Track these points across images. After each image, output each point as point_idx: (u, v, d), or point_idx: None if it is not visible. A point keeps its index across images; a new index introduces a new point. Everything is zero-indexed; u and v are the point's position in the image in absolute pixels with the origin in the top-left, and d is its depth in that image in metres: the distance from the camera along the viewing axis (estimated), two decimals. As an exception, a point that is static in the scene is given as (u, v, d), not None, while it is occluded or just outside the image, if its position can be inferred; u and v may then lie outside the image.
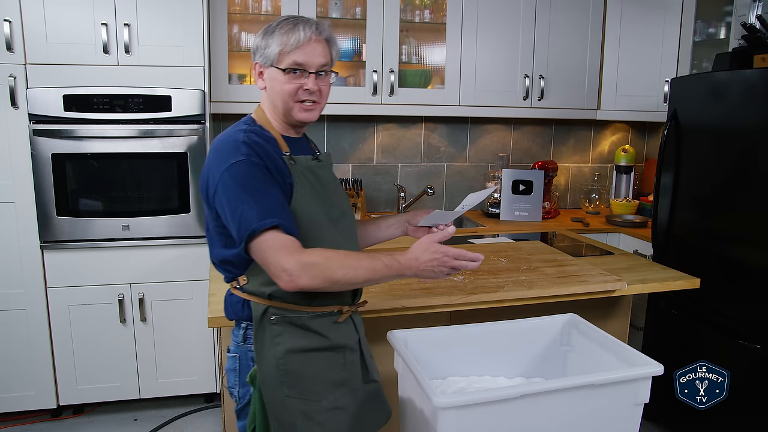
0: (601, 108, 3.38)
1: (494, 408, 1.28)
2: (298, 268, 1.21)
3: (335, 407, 1.37)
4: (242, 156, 1.27)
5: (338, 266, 1.23)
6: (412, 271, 1.29)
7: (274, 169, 1.30)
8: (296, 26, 1.35)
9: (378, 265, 1.26)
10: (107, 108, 2.51)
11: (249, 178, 1.26)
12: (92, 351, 2.67)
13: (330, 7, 3.01)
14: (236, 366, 1.42)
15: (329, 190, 1.43)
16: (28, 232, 2.54)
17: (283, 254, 1.22)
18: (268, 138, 1.36)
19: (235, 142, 1.30)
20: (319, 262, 1.22)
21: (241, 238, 1.25)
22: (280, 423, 1.33)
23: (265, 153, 1.31)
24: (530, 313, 1.73)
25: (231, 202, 1.26)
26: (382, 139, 3.42)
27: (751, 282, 2.24)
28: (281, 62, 1.35)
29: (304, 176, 1.37)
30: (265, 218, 1.23)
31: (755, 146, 2.21)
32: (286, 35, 1.34)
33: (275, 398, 1.33)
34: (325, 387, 1.36)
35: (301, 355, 1.34)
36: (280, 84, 1.36)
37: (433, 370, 1.57)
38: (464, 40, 3.09)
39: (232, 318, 1.43)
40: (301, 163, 1.38)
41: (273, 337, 1.33)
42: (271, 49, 1.35)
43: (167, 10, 2.54)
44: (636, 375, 1.37)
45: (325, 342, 1.36)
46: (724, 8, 3.01)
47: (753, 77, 2.22)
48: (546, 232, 3.02)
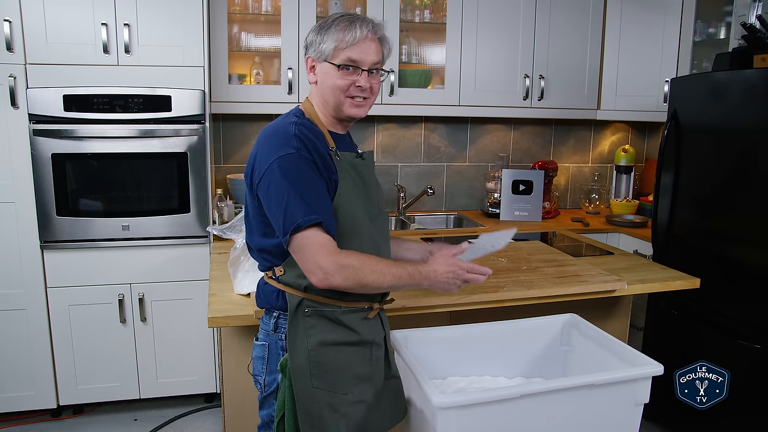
0: (601, 108, 3.38)
1: (494, 408, 1.28)
2: (334, 268, 1.26)
3: (359, 401, 1.39)
4: (292, 149, 1.30)
5: (370, 271, 1.29)
6: (428, 282, 1.35)
7: (321, 165, 1.33)
8: (353, 23, 1.37)
9: (403, 273, 1.32)
10: (107, 108, 2.51)
11: (298, 172, 1.29)
12: (92, 351, 2.67)
13: (330, 7, 3.01)
14: (265, 354, 1.44)
15: (370, 187, 1.46)
16: (28, 232, 2.54)
17: (323, 252, 1.26)
18: (316, 132, 1.38)
19: (286, 133, 1.33)
20: (354, 266, 1.27)
21: (285, 230, 1.28)
22: (308, 413, 1.35)
23: (314, 147, 1.33)
24: (530, 313, 1.73)
25: (278, 194, 1.28)
26: (382, 139, 3.42)
27: (751, 282, 2.24)
28: (335, 58, 1.37)
29: (348, 173, 1.39)
30: (310, 214, 1.26)
31: (755, 146, 2.21)
32: (343, 32, 1.36)
33: (305, 388, 1.35)
34: (351, 380, 1.39)
35: (332, 348, 1.37)
36: (332, 79, 1.38)
37: (433, 370, 1.57)
38: (464, 40, 3.09)
39: (263, 306, 1.45)
40: (345, 159, 1.40)
41: (306, 329, 1.36)
42: (326, 45, 1.37)
43: (167, 10, 2.54)
44: (636, 375, 1.37)
45: (354, 336, 1.39)
46: (724, 8, 3.01)
47: (753, 77, 2.22)
48: (546, 232, 3.02)
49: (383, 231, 1.51)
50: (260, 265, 1.46)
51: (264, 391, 1.47)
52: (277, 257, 1.40)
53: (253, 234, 1.44)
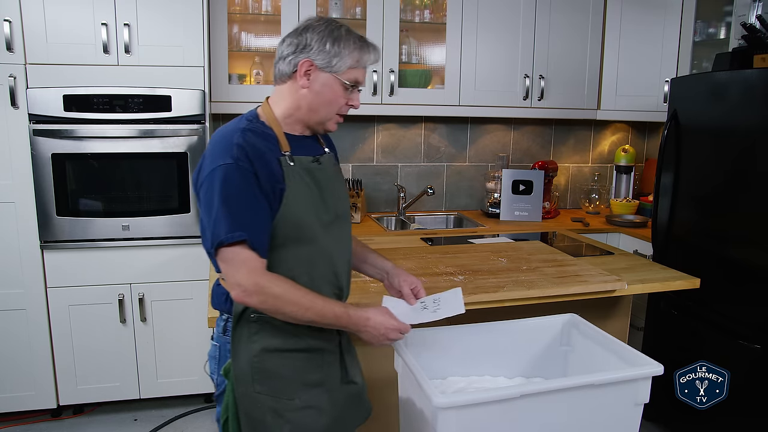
0: (601, 108, 3.38)
1: (494, 408, 1.28)
2: (253, 288, 1.23)
3: (307, 406, 1.37)
4: (231, 159, 1.25)
5: (291, 302, 1.25)
6: (356, 328, 1.33)
7: (263, 175, 1.27)
8: (367, 46, 1.36)
9: (328, 312, 1.29)
10: (107, 108, 2.51)
11: (231, 184, 1.24)
12: (92, 351, 2.67)
13: (330, 7, 3.02)
14: (217, 354, 1.44)
15: (326, 192, 1.40)
16: (28, 232, 2.54)
17: (243, 270, 1.24)
18: (268, 136, 1.33)
19: (229, 142, 1.28)
20: (274, 293, 1.24)
21: (212, 243, 1.25)
22: (250, 417, 1.34)
23: (257, 156, 1.27)
24: (530, 313, 1.73)
25: (209, 205, 1.26)
26: (382, 139, 3.42)
27: (751, 282, 2.24)
28: (344, 75, 1.34)
29: (301, 178, 1.34)
30: (234, 230, 1.22)
31: (755, 146, 2.21)
32: (359, 52, 1.34)
33: (246, 393, 1.34)
34: (298, 386, 1.37)
35: (276, 355, 1.35)
36: (334, 94, 1.35)
37: (433, 370, 1.57)
38: (464, 40, 3.09)
39: (216, 308, 1.44)
40: (299, 164, 1.35)
41: (250, 335, 1.34)
42: (342, 61, 1.33)
43: (167, 10, 2.54)
44: (636, 375, 1.37)
45: (301, 343, 1.36)
46: (724, 8, 3.01)
47: (753, 77, 2.22)
48: (546, 232, 3.02)
49: (340, 238, 1.45)
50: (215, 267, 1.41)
51: (217, 390, 1.46)
52: None
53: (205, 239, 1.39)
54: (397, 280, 1.56)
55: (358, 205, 3.14)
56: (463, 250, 2.33)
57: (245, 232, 1.23)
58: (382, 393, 1.89)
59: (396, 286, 1.56)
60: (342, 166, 3.35)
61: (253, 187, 1.26)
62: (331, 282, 1.41)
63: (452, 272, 1.99)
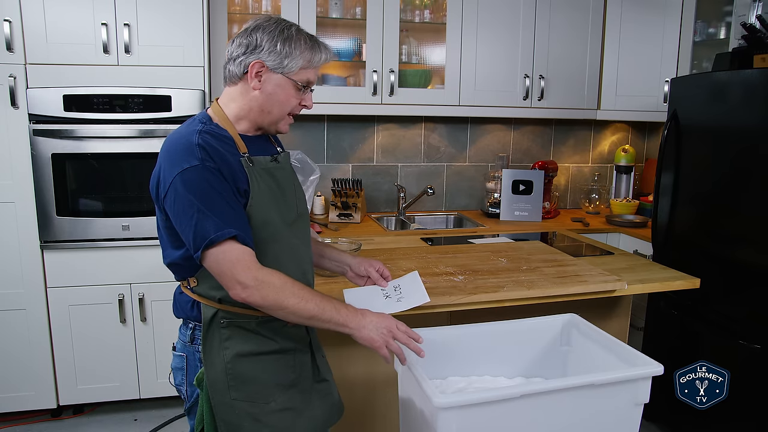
0: (601, 108, 3.38)
1: (494, 408, 1.28)
2: (254, 283, 1.21)
3: (284, 408, 1.37)
4: (196, 160, 1.22)
5: (292, 293, 1.23)
6: (356, 323, 1.28)
7: (228, 175, 1.25)
8: (318, 46, 1.34)
9: (328, 305, 1.26)
10: (107, 108, 2.52)
11: (204, 185, 1.21)
12: (92, 351, 2.67)
13: (330, 7, 3.01)
14: (183, 365, 1.41)
15: (287, 191, 1.39)
16: (28, 232, 2.54)
17: (240, 266, 1.21)
18: (224, 138, 1.30)
19: (189, 144, 1.24)
20: (275, 284, 1.22)
21: (197, 247, 1.22)
22: (227, 424, 1.33)
23: (220, 156, 1.25)
24: (530, 313, 1.73)
25: (185, 209, 1.22)
26: (382, 139, 3.42)
27: (751, 282, 2.24)
28: (296, 75, 1.32)
29: (262, 178, 1.32)
30: (222, 228, 1.20)
31: (755, 146, 2.21)
32: (311, 52, 1.32)
33: (223, 401, 1.33)
34: (274, 389, 1.36)
35: (250, 359, 1.34)
36: (286, 95, 1.33)
37: (433, 370, 1.57)
38: (464, 40, 3.09)
39: (179, 316, 1.42)
40: (258, 164, 1.33)
41: (222, 341, 1.33)
42: (294, 62, 1.31)
43: (167, 10, 2.54)
44: (636, 375, 1.37)
45: (273, 345, 1.35)
46: (724, 8, 3.01)
47: (753, 77, 2.22)
48: (546, 232, 3.02)
49: (303, 236, 1.45)
50: (175, 275, 1.41)
51: (188, 401, 1.44)
52: (187, 270, 1.35)
53: (166, 248, 1.37)
54: (362, 267, 1.59)
55: (358, 205, 3.14)
56: (463, 250, 2.33)
57: (233, 228, 1.21)
58: (382, 393, 1.89)
59: (363, 273, 1.59)
60: (342, 166, 3.37)
61: (225, 185, 1.24)
62: (299, 280, 1.38)
63: (452, 272, 1.99)
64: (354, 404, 1.87)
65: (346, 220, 3.12)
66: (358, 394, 1.93)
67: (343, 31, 3.09)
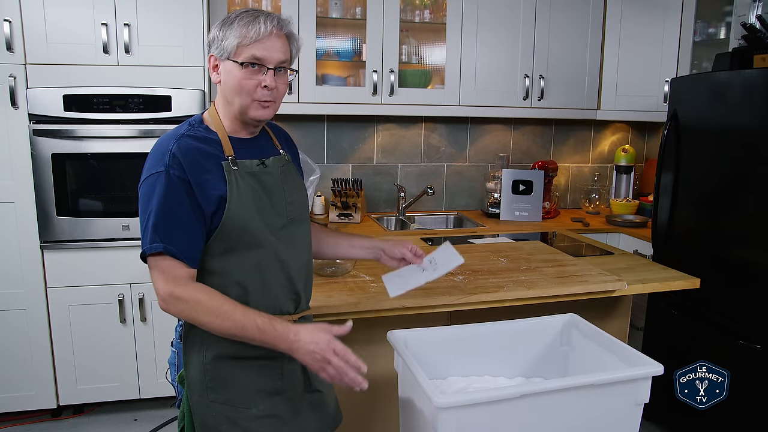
0: (601, 108, 3.38)
1: (494, 408, 1.28)
2: (169, 298, 1.23)
3: (267, 415, 1.35)
4: (162, 167, 1.24)
5: (205, 312, 1.22)
6: (286, 345, 1.23)
7: (198, 183, 1.25)
8: (257, 19, 1.28)
9: (249, 324, 1.22)
10: (107, 108, 2.52)
11: (160, 194, 1.23)
12: (92, 351, 2.67)
13: (330, 7, 3.01)
14: (175, 361, 1.43)
15: (275, 196, 1.36)
16: (28, 232, 2.54)
17: (160, 280, 1.24)
18: (210, 141, 1.30)
19: (164, 149, 1.27)
20: (189, 302, 1.23)
21: (141, 253, 1.27)
22: (204, 426, 1.33)
23: (192, 164, 1.25)
24: (530, 313, 1.73)
25: (141, 214, 1.27)
26: (382, 139, 3.42)
27: (751, 282, 2.24)
28: (239, 55, 1.27)
29: (246, 182, 1.31)
30: (154, 242, 1.23)
31: (755, 146, 2.21)
32: (246, 27, 1.27)
33: (200, 402, 1.33)
34: (255, 395, 1.35)
35: (231, 362, 1.33)
36: (236, 79, 1.28)
37: (433, 370, 1.57)
38: (464, 40, 3.09)
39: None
40: (244, 168, 1.32)
41: (204, 342, 1.33)
42: (229, 42, 1.27)
43: (167, 10, 2.54)
44: (636, 375, 1.37)
45: (257, 351, 1.30)
46: (724, 8, 3.01)
47: (753, 77, 2.22)
48: (546, 232, 3.02)
49: (293, 242, 1.40)
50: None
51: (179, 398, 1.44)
52: None
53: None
54: (396, 249, 1.62)
55: (358, 205, 3.14)
56: (463, 250, 2.32)
57: (164, 243, 1.23)
58: (382, 393, 1.89)
59: (398, 255, 1.62)
60: (342, 166, 3.37)
61: (182, 195, 1.24)
62: (285, 287, 1.38)
63: (452, 272, 1.98)
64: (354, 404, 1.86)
65: (346, 220, 3.12)
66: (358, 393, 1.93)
67: (343, 31, 3.09)
